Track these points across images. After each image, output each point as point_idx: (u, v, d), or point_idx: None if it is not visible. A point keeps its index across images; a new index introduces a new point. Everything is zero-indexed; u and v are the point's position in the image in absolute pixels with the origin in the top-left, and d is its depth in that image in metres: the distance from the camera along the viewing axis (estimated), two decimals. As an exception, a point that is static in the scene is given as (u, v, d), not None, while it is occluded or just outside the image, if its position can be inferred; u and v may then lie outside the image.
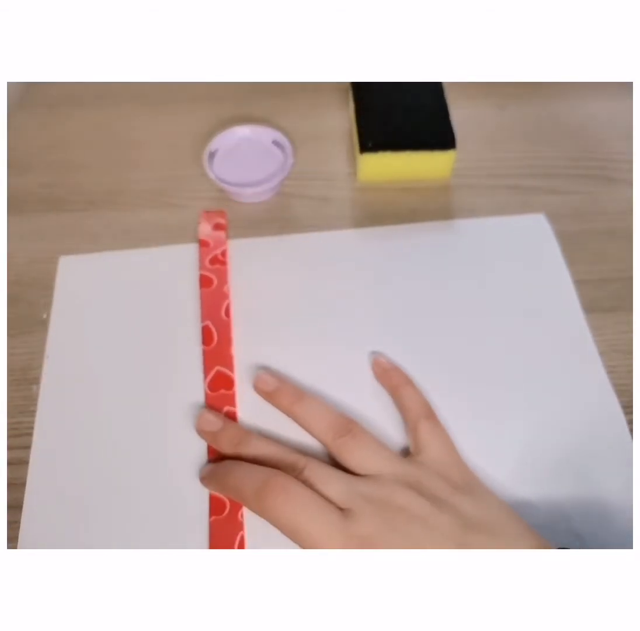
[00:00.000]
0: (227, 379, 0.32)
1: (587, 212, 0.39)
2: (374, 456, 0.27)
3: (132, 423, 0.31)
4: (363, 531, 0.24)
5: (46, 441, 0.30)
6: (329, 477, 0.26)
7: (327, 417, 0.29)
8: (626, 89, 0.46)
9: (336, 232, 0.38)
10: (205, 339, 0.33)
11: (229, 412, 0.31)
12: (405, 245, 0.37)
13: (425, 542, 0.24)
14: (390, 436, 0.30)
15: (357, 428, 0.28)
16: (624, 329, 0.34)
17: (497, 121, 0.44)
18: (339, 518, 0.25)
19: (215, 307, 0.34)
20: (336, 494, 0.25)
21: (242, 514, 0.28)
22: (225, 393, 0.31)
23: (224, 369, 0.32)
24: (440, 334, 0.33)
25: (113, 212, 0.39)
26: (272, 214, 0.39)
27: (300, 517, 0.25)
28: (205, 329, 0.33)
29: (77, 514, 0.28)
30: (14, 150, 0.43)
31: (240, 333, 0.33)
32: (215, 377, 0.32)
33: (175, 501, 0.29)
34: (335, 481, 0.26)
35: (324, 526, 0.24)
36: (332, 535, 0.24)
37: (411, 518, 0.25)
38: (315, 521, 0.25)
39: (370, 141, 0.38)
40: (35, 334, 0.34)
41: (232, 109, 0.44)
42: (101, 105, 0.45)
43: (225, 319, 0.34)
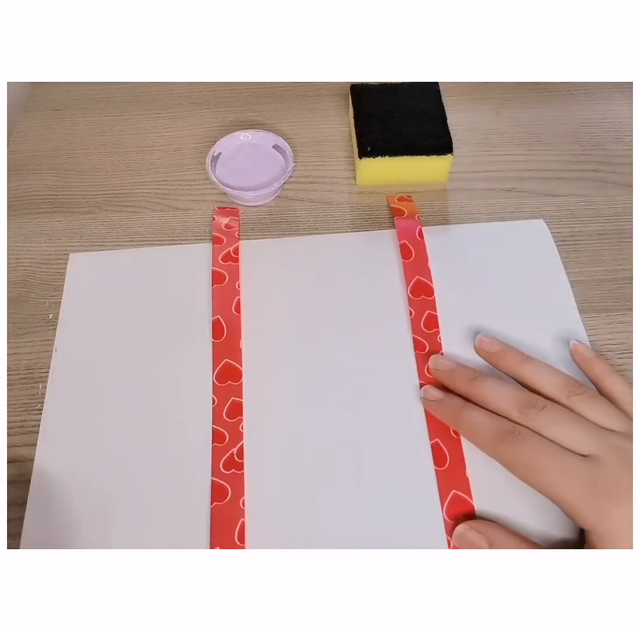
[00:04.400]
0: (235, 371, 0.33)
1: (582, 214, 0.39)
2: (610, 411, 0.28)
3: (140, 414, 0.31)
4: (609, 475, 0.25)
5: (52, 434, 0.31)
6: (572, 422, 0.27)
7: (555, 376, 0.29)
8: (620, 92, 0.46)
9: (341, 234, 0.38)
10: (216, 332, 0.34)
11: (235, 403, 0.31)
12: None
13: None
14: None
15: (589, 391, 0.29)
16: (617, 329, 0.34)
17: (493, 125, 0.45)
18: (581, 462, 0.25)
19: (226, 302, 0.35)
20: (578, 439, 0.26)
21: (243, 501, 0.29)
22: (232, 384, 0.32)
23: (232, 361, 0.33)
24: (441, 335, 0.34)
25: (118, 215, 0.40)
26: (273, 217, 0.40)
27: (540, 460, 0.26)
28: (216, 323, 0.34)
29: (83, 507, 0.29)
30: (20, 153, 0.43)
31: (248, 328, 0.34)
32: (224, 369, 0.33)
33: (178, 488, 0.29)
34: (578, 427, 0.27)
35: (566, 468, 0.25)
36: (574, 476, 0.25)
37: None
38: (557, 463, 0.25)
39: (369, 146, 0.39)
40: (42, 333, 0.34)
41: (234, 114, 0.45)
42: (106, 109, 0.46)
43: (236, 315, 0.34)
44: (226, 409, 0.31)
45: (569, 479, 0.25)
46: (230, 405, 0.31)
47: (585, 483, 0.25)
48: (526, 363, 0.30)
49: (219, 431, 0.31)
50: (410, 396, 0.32)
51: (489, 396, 0.29)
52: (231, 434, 0.31)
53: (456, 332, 0.34)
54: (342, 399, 0.32)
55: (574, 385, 0.29)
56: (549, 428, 0.27)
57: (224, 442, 0.30)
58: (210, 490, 0.29)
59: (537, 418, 0.27)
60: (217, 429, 0.31)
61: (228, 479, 0.29)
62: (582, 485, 0.25)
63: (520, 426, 0.27)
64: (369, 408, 0.32)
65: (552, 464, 0.26)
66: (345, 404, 0.32)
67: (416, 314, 0.35)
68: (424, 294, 0.35)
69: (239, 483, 0.29)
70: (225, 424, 0.31)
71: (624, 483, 0.25)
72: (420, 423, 0.31)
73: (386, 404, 0.32)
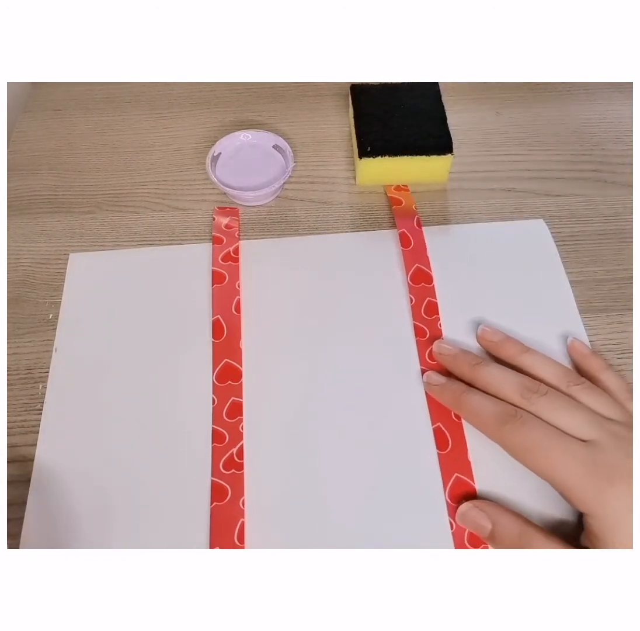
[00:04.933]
0: (235, 371, 0.33)
1: (582, 214, 0.40)
2: (609, 402, 0.28)
3: (140, 414, 0.31)
4: (609, 460, 0.25)
5: (52, 434, 0.31)
6: (572, 409, 0.27)
7: (555, 366, 0.30)
8: (620, 92, 0.46)
9: (341, 234, 0.38)
10: (216, 332, 0.34)
11: (235, 403, 0.32)
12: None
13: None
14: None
15: (588, 382, 0.29)
16: (617, 329, 0.34)
17: (493, 125, 0.45)
18: (582, 446, 0.26)
19: (226, 302, 0.35)
20: (579, 425, 0.27)
21: (243, 501, 0.29)
22: (232, 384, 0.32)
23: (232, 361, 0.33)
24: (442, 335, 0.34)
25: (118, 215, 0.40)
26: (273, 217, 0.40)
27: (541, 443, 0.26)
28: (216, 323, 0.34)
29: (82, 506, 0.29)
30: (20, 153, 0.43)
31: (248, 328, 0.34)
32: (224, 369, 0.33)
33: (178, 488, 0.29)
34: (579, 414, 0.27)
35: (566, 452, 0.26)
36: (574, 459, 0.25)
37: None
38: (557, 447, 0.26)
39: (369, 146, 0.39)
40: (42, 333, 0.34)
41: (234, 114, 0.45)
42: (106, 109, 0.46)
43: (236, 315, 0.35)
44: (226, 410, 0.31)
45: (568, 463, 0.25)
46: (230, 405, 0.31)
47: (584, 467, 0.25)
48: (527, 353, 0.31)
49: (219, 431, 0.31)
50: (412, 381, 0.32)
51: (491, 380, 0.29)
52: (231, 434, 0.31)
53: (456, 321, 0.34)
54: (343, 397, 0.32)
55: (574, 376, 0.29)
56: (550, 413, 0.27)
57: (223, 442, 0.30)
58: (210, 490, 0.29)
59: (538, 402, 0.27)
60: (217, 430, 0.31)
61: (228, 479, 0.29)
62: (581, 469, 0.25)
63: (522, 410, 0.27)
64: (371, 398, 0.32)
65: (553, 447, 0.26)
66: (346, 400, 0.32)
67: (416, 301, 0.35)
68: (423, 281, 0.36)
69: (238, 483, 0.29)
70: (225, 424, 0.31)
71: (623, 468, 0.25)
72: (422, 407, 0.31)
73: (388, 391, 0.32)
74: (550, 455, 0.26)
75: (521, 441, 0.27)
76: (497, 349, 0.32)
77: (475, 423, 0.29)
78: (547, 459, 0.26)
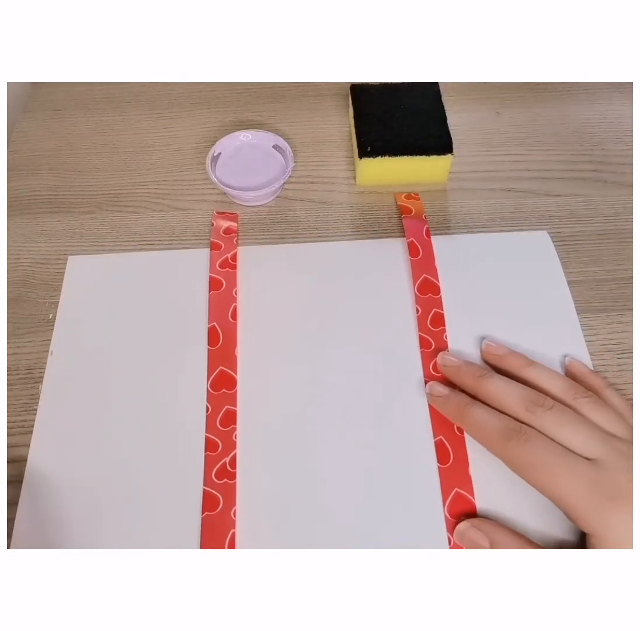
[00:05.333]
0: (230, 379, 0.32)
1: (582, 214, 0.40)
2: (615, 417, 0.28)
3: (133, 420, 0.31)
4: (613, 479, 0.25)
5: (45, 438, 0.31)
6: (578, 424, 0.27)
7: (560, 379, 0.30)
8: (620, 92, 0.46)
9: (340, 243, 0.38)
10: (211, 339, 0.34)
11: (229, 411, 0.31)
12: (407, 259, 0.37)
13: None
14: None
15: (595, 396, 0.29)
16: (617, 329, 0.34)
17: (493, 125, 0.45)
18: (586, 464, 0.25)
19: (222, 309, 0.35)
20: (584, 442, 0.26)
21: (234, 511, 0.28)
22: (227, 392, 0.32)
23: (227, 369, 0.33)
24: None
25: (118, 215, 0.40)
26: (273, 218, 0.40)
27: (545, 460, 0.26)
28: (212, 330, 0.34)
29: (73, 511, 0.29)
30: (20, 153, 0.43)
31: (244, 336, 0.34)
32: (218, 376, 0.32)
33: (169, 497, 0.29)
34: (584, 430, 0.27)
35: (571, 470, 0.25)
36: (578, 478, 0.25)
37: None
38: (561, 465, 0.25)
39: (369, 146, 0.39)
40: (42, 333, 0.34)
41: (234, 114, 0.45)
42: (106, 109, 0.46)
43: (232, 322, 0.34)
44: (220, 418, 0.31)
45: (572, 481, 0.25)
46: (224, 413, 0.31)
47: (588, 485, 0.25)
48: (532, 366, 0.30)
49: (212, 439, 0.30)
50: (415, 393, 0.32)
51: (495, 392, 0.29)
52: (224, 443, 0.30)
53: (462, 333, 0.34)
54: (343, 407, 0.31)
55: (580, 389, 0.29)
56: (555, 428, 0.27)
57: (216, 451, 0.30)
58: (202, 500, 0.29)
59: (544, 416, 0.27)
60: (210, 438, 0.30)
61: (220, 488, 0.29)
62: (585, 488, 0.25)
63: (526, 425, 0.27)
64: (372, 408, 0.31)
65: (557, 465, 0.25)
66: (346, 410, 0.31)
67: (423, 312, 0.34)
68: (430, 292, 0.35)
69: (230, 493, 0.29)
70: (219, 432, 0.31)
71: (627, 488, 0.25)
72: (424, 419, 0.31)
73: (390, 402, 0.32)
74: (554, 473, 0.25)
75: (525, 458, 0.26)
76: (502, 361, 0.32)
77: (478, 437, 0.29)
78: (551, 477, 0.25)
